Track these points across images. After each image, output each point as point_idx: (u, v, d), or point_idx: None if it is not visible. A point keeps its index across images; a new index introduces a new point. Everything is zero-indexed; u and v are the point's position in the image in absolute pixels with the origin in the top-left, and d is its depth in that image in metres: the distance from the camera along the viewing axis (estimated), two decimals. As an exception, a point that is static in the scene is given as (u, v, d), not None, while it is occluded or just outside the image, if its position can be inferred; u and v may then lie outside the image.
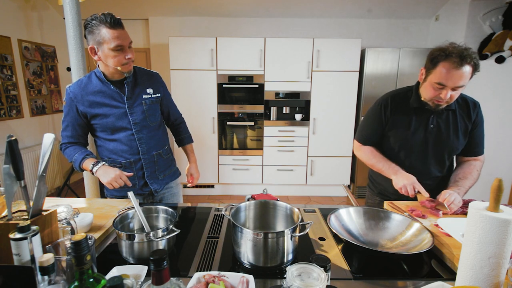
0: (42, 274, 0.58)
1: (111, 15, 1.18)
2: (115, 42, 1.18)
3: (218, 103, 3.56)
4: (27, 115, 3.33)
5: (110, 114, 1.32)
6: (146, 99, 1.38)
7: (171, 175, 1.55)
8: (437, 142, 1.32)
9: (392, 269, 0.87)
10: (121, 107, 1.33)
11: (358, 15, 3.76)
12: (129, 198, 0.99)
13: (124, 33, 1.21)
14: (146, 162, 1.41)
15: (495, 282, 0.68)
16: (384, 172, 1.36)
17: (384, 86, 3.47)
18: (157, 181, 1.47)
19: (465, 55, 1.11)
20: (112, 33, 1.17)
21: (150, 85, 1.41)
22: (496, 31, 3.06)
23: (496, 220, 0.65)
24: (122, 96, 1.33)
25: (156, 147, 1.45)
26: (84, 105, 1.31)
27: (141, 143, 1.39)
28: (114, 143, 1.38)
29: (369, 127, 1.45)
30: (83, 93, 1.31)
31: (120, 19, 1.20)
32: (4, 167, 0.77)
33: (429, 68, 1.21)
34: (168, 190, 1.55)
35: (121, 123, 1.34)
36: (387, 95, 1.40)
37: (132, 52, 1.26)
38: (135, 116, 1.35)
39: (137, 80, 1.38)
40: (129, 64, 1.27)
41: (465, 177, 1.30)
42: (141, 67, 1.45)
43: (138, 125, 1.37)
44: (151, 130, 1.42)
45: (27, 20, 3.35)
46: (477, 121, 1.32)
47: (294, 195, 3.86)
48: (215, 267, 0.88)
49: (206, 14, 3.77)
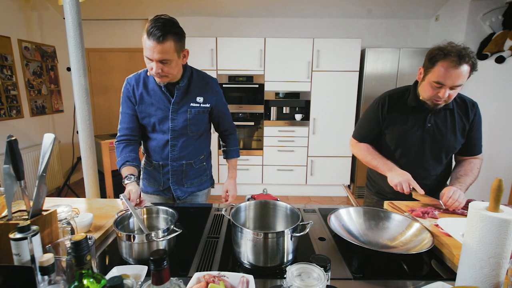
0: (42, 274, 0.58)
1: (154, 25, 1.10)
2: (145, 51, 1.15)
3: (218, 103, 3.56)
4: (27, 115, 3.33)
5: (153, 115, 1.31)
6: (193, 107, 1.33)
7: (199, 184, 1.49)
8: (434, 141, 1.32)
9: (392, 269, 0.87)
10: (165, 111, 1.30)
11: (358, 15, 3.76)
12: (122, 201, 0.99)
13: (155, 47, 1.11)
14: (174, 169, 1.39)
15: (495, 282, 0.68)
16: (379, 169, 1.36)
17: (384, 86, 3.46)
18: (181, 189, 1.44)
19: (463, 54, 1.11)
20: (145, 42, 1.13)
21: (202, 93, 1.35)
22: (496, 31, 3.06)
23: (496, 220, 0.65)
24: (170, 99, 1.29)
25: (188, 157, 1.40)
26: (135, 98, 1.31)
27: (173, 150, 1.36)
28: (151, 142, 1.38)
29: (366, 125, 1.45)
30: (137, 86, 1.31)
31: (162, 32, 1.10)
32: (4, 167, 0.77)
33: (427, 67, 1.21)
34: (192, 198, 1.50)
35: (161, 126, 1.33)
36: (385, 94, 1.41)
37: (159, 67, 1.16)
38: (176, 122, 1.32)
39: (190, 86, 1.33)
40: (158, 76, 1.21)
41: (466, 174, 1.31)
42: (200, 70, 1.40)
43: (176, 132, 1.34)
44: (188, 139, 1.37)
45: (27, 20, 3.35)
46: (475, 121, 1.32)
47: (294, 195, 3.86)
48: (215, 267, 0.88)
49: (206, 14, 3.77)
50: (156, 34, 1.09)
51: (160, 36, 1.09)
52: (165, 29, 1.10)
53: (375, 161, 1.37)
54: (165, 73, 1.18)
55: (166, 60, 1.15)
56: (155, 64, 1.15)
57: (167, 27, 1.10)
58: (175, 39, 1.14)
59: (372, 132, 1.43)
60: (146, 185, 1.47)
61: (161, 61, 1.15)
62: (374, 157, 1.38)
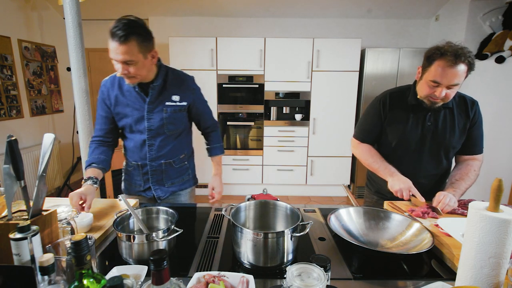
0: (42, 274, 0.58)
1: (116, 25, 1.09)
2: (110, 53, 1.14)
3: (218, 103, 3.56)
4: (27, 115, 3.33)
5: (129, 115, 1.31)
6: (168, 106, 1.32)
7: (181, 184, 1.48)
8: (434, 140, 1.33)
9: (392, 269, 0.87)
10: (141, 111, 1.30)
11: (358, 15, 3.76)
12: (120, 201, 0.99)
13: (118, 48, 1.10)
14: (153, 168, 1.39)
15: (495, 282, 0.68)
16: (379, 173, 1.36)
17: (384, 86, 3.44)
18: (162, 188, 1.43)
19: (459, 53, 1.12)
20: (109, 44, 1.11)
21: (178, 91, 1.34)
22: (496, 31, 3.06)
23: (496, 220, 0.65)
24: (145, 99, 1.29)
25: (167, 156, 1.39)
26: (110, 100, 1.31)
27: (151, 150, 1.36)
28: (129, 142, 1.39)
29: (367, 124, 1.45)
30: (112, 88, 1.31)
31: (124, 33, 1.08)
32: (4, 167, 0.77)
33: (425, 66, 1.22)
34: (175, 198, 1.49)
35: (137, 126, 1.32)
36: (386, 92, 1.41)
37: (125, 68, 1.15)
38: (152, 122, 1.31)
39: (166, 84, 1.32)
40: (125, 78, 1.20)
41: (461, 179, 1.30)
42: (176, 69, 1.39)
43: (153, 132, 1.33)
44: (166, 138, 1.37)
45: (27, 20, 3.35)
46: (475, 119, 1.32)
47: (294, 195, 3.86)
48: (215, 267, 0.88)
49: (206, 14, 3.77)
50: (118, 34, 1.07)
51: (122, 36, 1.08)
52: (128, 30, 1.08)
53: (376, 164, 1.37)
54: (132, 74, 1.17)
55: (130, 61, 1.13)
56: (120, 65, 1.14)
57: (130, 27, 1.09)
58: (138, 40, 1.12)
59: (374, 130, 1.42)
60: (127, 186, 1.47)
61: (125, 62, 1.13)
62: (376, 160, 1.38)
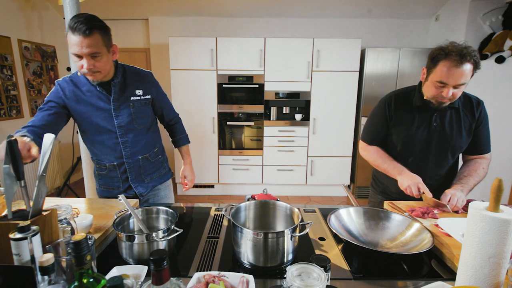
0: (42, 274, 0.58)
1: (77, 20, 1.08)
2: (71, 49, 1.12)
3: (218, 103, 3.56)
4: (27, 115, 3.33)
5: (94, 115, 1.28)
6: (134, 101, 1.33)
7: (159, 177, 1.50)
8: (441, 141, 1.32)
9: (392, 269, 0.87)
10: (107, 109, 1.28)
11: (358, 15, 3.76)
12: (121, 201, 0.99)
13: (83, 41, 1.09)
14: (130, 166, 1.38)
15: (495, 282, 0.68)
16: (389, 173, 1.36)
17: (384, 86, 3.47)
18: (142, 184, 1.43)
19: (464, 53, 1.12)
20: (71, 39, 1.10)
21: (140, 86, 1.35)
22: (496, 31, 3.06)
23: (496, 220, 0.65)
24: (108, 97, 1.28)
25: (142, 151, 1.40)
26: (69, 100, 1.26)
27: (125, 147, 1.35)
28: (98, 145, 1.35)
29: (374, 126, 1.45)
30: (72, 87, 1.27)
31: (87, 26, 1.08)
32: (4, 167, 0.77)
33: (430, 67, 1.22)
34: (156, 193, 1.50)
35: (105, 125, 1.30)
36: (391, 94, 1.41)
37: (91, 62, 1.14)
38: (120, 118, 1.30)
39: (126, 81, 1.32)
40: (89, 74, 1.18)
41: (469, 175, 1.30)
42: (133, 66, 1.39)
43: (123, 128, 1.32)
44: (138, 133, 1.37)
45: (27, 20, 3.35)
46: (480, 118, 1.32)
47: (294, 195, 3.86)
48: (215, 267, 0.88)
49: (206, 14, 3.77)
50: (82, 28, 1.08)
51: (86, 29, 1.09)
52: (90, 23, 1.10)
53: (385, 165, 1.36)
54: (98, 68, 1.17)
55: (96, 54, 1.14)
56: (85, 60, 1.13)
57: (91, 21, 1.11)
58: (101, 32, 1.14)
59: (380, 132, 1.42)
60: (104, 191, 1.44)
61: (91, 55, 1.13)
62: (385, 160, 1.38)
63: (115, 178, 1.40)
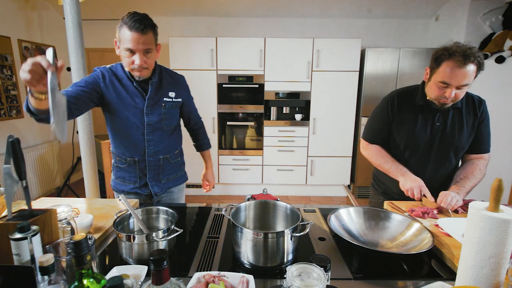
0: (42, 274, 0.58)
1: (135, 18, 1.17)
2: (127, 44, 1.18)
3: (218, 103, 3.56)
4: (27, 115, 3.31)
5: (126, 109, 1.31)
6: (166, 102, 1.37)
7: (175, 180, 1.52)
8: (443, 141, 1.32)
9: (392, 269, 0.87)
10: (140, 106, 1.32)
11: (358, 15, 3.76)
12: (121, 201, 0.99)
13: (140, 38, 1.17)
14: (151, 164, 1.40)
15: (495, 282, 0.68)
16: (391, 173, 1.35)
17: (384, 86, 3.47)
18: (158, 184, 1.45)
19: (468, 54, 1.11)
20: (125, 35, 1.17)
21: (173, 88, 1.39)
22: (496, 31, 3.06)
23: (496, 220, 0.65)
24: (143, 94, 1.31)
25: (165, 151, 1.43)
26: (107, 87, 1.28)
27: (149, 145, 1.37)
28: (125, 138, 1.37)
29: (376, 124, 1.44)
30: (112, 76, 1.30)
31: (144, 25, 1.18)
32: (4, 167, 0.77)
33: (433, 67, 1.22)
34: (168, 195, 1.52)
35: (135, 121, 1.33)
36: (394, 93, 1.40)
37: (143, 59, 1.21)
38: (151, 117, 1.34)
39: (161, 82, 1.36)
40: (138, 70, 1.23)
41: (466, 177, 1.29)
42: (168, 68, 1.44)
43: (151, 127, 1.35)
44: (163, 133, 1.40)
45: (27, 20, 3.35)
46: (482, 117, 1.32)
47: (294, 195, 3.86)
48: (215, 267, 0.88)
49: (206, 14, 3.77)
50: (139, 26, 1.17)
51: (144, 28, 1.17)
52: (146, 22, 1.19)
53: (388, 165, 1.36)
54: (147, 64, 1.24)
55: (150, 50, 1.22)
56: (138, 56, 1.20)
57: (146, 20, 1.20)
58: (153, 31, 1.23)
59: (382, 131, 1.42)
60: (120, 184, 1.45)
61: (145, 51, 1.21)
62: (387, 160, 1.37)
63: (133, 173, 1.42)
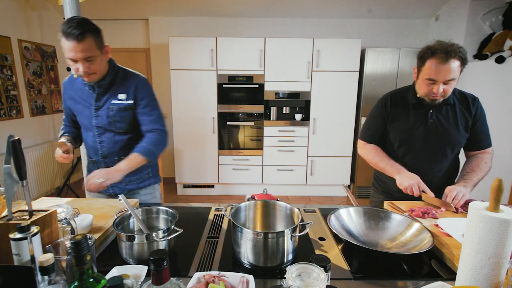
0: (42, 274, 0.58)
1: (70, 25, 1.11)
2: (66, 54, 1.16)
3: (218, 103, 3.56)
4: (27, 115, 3.33)
5: (81, 112, 1.37)
6: (114, 104, 1.33)
7: (139, 182, 1.47)
8: (439, 136, 1.34)
9: (392, 269, 0.87)
10: (90, 108, 1.34)
11: (358, 15, 3.76)
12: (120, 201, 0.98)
13: (78, 47, 1.12)
14: (108, 165, 1.36)
15: (495, 282, 0.68)
16: (387, 171, 1.38)
17: (384, 86, 3.47)
18: (119, 186, 1.42)
19: (449, 50, 1.17)
20: (64, 44, 1.14)
21: (125, 90, 1.33)
22: (496, 31, 3.06)
23: (496, 220, 0.65)
24: (93, 97, 1.33)
25: (121, 153, 1.38)
26: (67, 98, 1.41)
27: (102, 146, 1.38)
28: (85, 139, 1.45)
29: (372, 124, 1.48)
30: (69, 86, 1.40)
31: (79, 31, 1.11)
32: (4, 167, 0.77)
33: (419, 66, 1.28)
34: (136, 196, 1.47)
35: (86, 123, 1.37)
36: (387, 94, 1.46)
37: (86, 65, 1.17)
38: (99, 119, 1.34)
39: (113, 83, 1.33)
40: (85, 76, 1.21)
41: (472, 170, 1.32)
42: (129, 69, 1.39)
43: (101, 129, 1.36)
44: (116, 135, 1.38)
45: (27, 20, 3.35)
46: (477, 115, 1.35)
47: (294, 195, 3.86)
48: (215, 267, 0.88)
49: (206, 14, 3.77)
50: (75, 33, 1.11)
51: (79, 34, 1.11)
52: (83, 28, 1.13)
53: (383, 163, 1.39)
54: (93, 70, 1.22)
55: (91, 57, 1.18)
56: (80, 64, 1.18)
57: (83, 25, 1.13)
58: (93, 36, 1.17)
59: (378, 130, 1.45)
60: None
61: (85, 59, 1.17)
62: (382, 159, 1.40)
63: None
